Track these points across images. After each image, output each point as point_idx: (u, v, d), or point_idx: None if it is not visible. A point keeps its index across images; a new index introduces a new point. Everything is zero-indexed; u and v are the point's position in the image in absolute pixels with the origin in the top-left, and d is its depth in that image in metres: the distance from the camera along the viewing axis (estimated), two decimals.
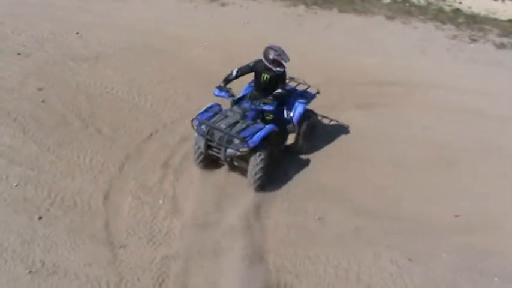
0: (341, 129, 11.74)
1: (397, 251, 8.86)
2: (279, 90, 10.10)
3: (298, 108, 10.62)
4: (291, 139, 10.58)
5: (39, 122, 10.96)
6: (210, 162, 10.11)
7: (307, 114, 10.87)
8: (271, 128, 9.84)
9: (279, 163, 10.36)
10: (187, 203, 9.36)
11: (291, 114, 10.60)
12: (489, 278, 8.61)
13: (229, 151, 9.64)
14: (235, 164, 10.02)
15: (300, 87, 11.24)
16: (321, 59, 13.96)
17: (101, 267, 8.09)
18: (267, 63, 10.16)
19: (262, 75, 10.31)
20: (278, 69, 10.12)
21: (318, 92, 11.06)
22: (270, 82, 10.27)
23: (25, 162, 9.91)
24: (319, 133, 11.31)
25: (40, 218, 8.79)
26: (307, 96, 10.96)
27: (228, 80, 10.25)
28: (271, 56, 10.10)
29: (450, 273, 8.61)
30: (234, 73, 10.27)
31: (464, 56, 15.09)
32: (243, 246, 8.58)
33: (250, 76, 10.61)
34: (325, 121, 11.86)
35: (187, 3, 16.65)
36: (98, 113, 11.40)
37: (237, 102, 10.34)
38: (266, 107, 10.01)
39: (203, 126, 9.86)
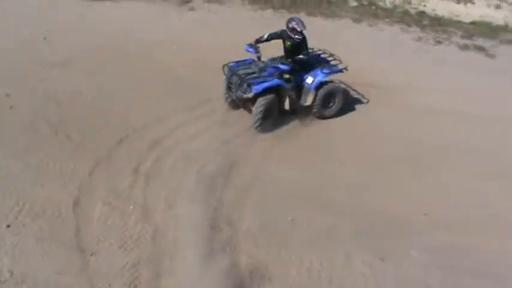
0: (312, 129, 11.82)
1: (368, 251, 8.92)
2: (300, 56, 11.68)
3: (318, 77, 11.97)
4: (308, 101, 11.96)
5: (6, 128, 10.81)
6: (234, 106, 12.07)
7: (328, 84, 12.14)
8: (277, 82, 11.50)
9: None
10: (158, 207, 9.31)
11: (311, 80, 11.90)
12: (460, 274, 8.71)
13: (239, 93, 11.56)
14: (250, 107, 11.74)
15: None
16: None
17: (71, 275, 7.99)
18: (288, 32, 11.59)
19: (286, 42, 11.81)
20: (297, 36, 11.57)
21: (345, 68, 12.28)
22: (292, 48, 11.76)
23: None
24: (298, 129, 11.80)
25: (8, 226, 8.65)
26: (332, 69, 12.23)
27: (259, 40, 11.70)
28: (291, 25, 11.59)
29: (422, 272, 8.68)
30: (265, 36, 11.70)
31: (430, 58, 15.32)
32: (214, 249, 8.56)
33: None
34: (295, 122, 11.93)
35: (156, 7, 16.62)
36: (66, 119, 11.28)
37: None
38: (282, 66, 11.62)
39: (227, 71, 11.79)
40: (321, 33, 15.70)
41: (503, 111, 12.92)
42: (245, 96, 11.49)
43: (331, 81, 12.38)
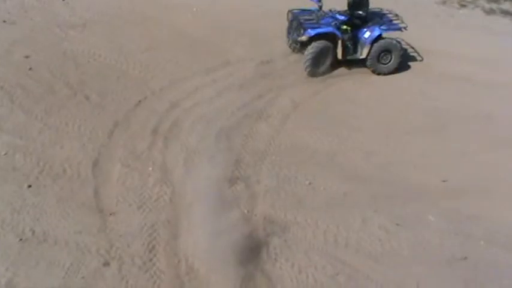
0: (330, 94, 11.76)
1: (385, 215, 8.94)
2: (359, 12, 12.50)
3: (374, 32, 12.56)
4: (364, 54, 12.63)
5: (26, 90, 10.84)
6: (295, 49, 12.87)
7: (384, 40, 12.65)
8: (329, 30, 12.29)
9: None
10: (177, 168, 9.35)
11: (367, 35, 12.54)
12: (475, 241, 8.70)
13: (295, 36, 12.58)
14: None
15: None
16: None
17: (91, 234, 8.09)
18: None
19: None
20: None
21: (405, 28, 12.69)
22: (353, 4, 12.63)
23: (13, 131, 9.82)
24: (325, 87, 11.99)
25: (29, 186, 8.76)
26: (390, 27, 12.77)
27: None
28: None
29: (437, 237, 8.69)
30: None
31: (454, 22, 15.06)
32: (233, 213, 8.62)
33: None
34: (313, 85, 11.83)
35: None
36: (86, 81, 11.31)
37: None
38: (338, 16, 12.49)
39: (290, 16, 12.86)
40: None
41: None
42: (299, 39, 12.41)
43: (390, 39, 12.77)
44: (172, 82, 11.44)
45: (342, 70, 12.68)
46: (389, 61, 12.72)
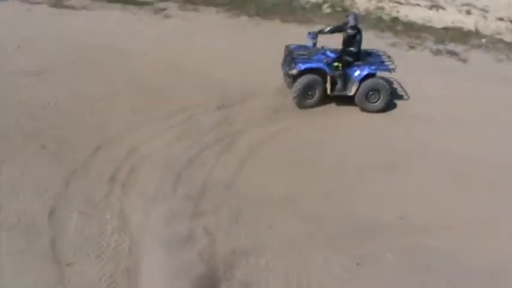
0: (286, 137, 11.89)
1: (345, 255, 8.98)
2: (351, 48, 12.88)
3: (363, 71, 12.95)
4: (352, 92, 13.00)
5: None
6: (288, 83, 13.31)
7: (372, 79, 13.00)
8: (318, 66, 12.80)
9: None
10: (135, 216, 9.28)
11: (357, 73, 12.94)
12: (436, 277, 8.81)
13: (286, 69, 13.16)
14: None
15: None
16: (265, 68, 14.05)
17: (47, 287, 7.91)
18: (344, 25, 12.99)
19: (343, 33, 13.04)
20: (349, 30, 12.82)
21: (394, 69, 13.14)
22: (346, 40, 13.03)
23: None
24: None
25: None
26: (380, 67, 13.17)
27: (321, 31, 13.20)
28: (346, 19, 13.05)
29: (398, 275, 8.77)
30: (327, 29, 13.23)
31: (404, 63, 15.46)
32: (192, 258, 8.55)
33: None
34: (269, 129, 12.01)
35: (131, 16, 16.57)
36: (42, 129, 11.20)
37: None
38: (328, 53, 13.00)
39: (286, 51, 13.40)
40: (296, 40, 15.84)
41: (473, 114, 13.14)
42: (290, 72, 13.00)
43: (380, 78, 13.19)
44: (129, 128, 11.41)
45: (296, 114, 12.84)
46: (378, 100, 13.09)
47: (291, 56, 13.19)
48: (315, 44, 13.17)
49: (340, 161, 11.33)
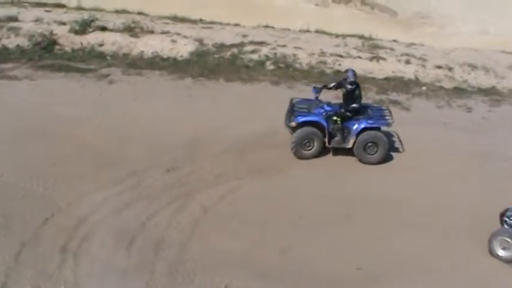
0: (239, 195, 12.03)
1: None
2: (353, 105, 13.50)
3: (362, 124, 13.46)
4: (350, 144, 13.49)
5: None
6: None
7: (369, 132, 13.44)
8: (315, 119, 13.44)
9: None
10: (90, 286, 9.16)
11: (355, 126, 13.45)
12: None
13: (287, 121, 13.77)
14: None
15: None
16: (211, 128, 14.28)
17: None
18: (343, 81, 13.71)
19: (342, 89, 13.73)
20: (348, 86, 13.50)
21: (390, 124, 13.71)
22: (346, 95, 13.65)
23: None
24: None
25: None
26: (378, 122, 13.68)
27: (325, 86, 14.05)
28: (345, 75, 13.72)
29: None
30: (331, 85, 14.05)
31: None
32: None
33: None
34: (221, 188, 12.14)
35: (74, 83, 16.53)
36: None
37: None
38: (326, 107, 13.63)
39: (290, 103, 14.06)
40: (239, 98, 16.19)
41: (421, 163, 13.60)
42: (289, 124, 13.67)
43: (378, 131, 13.64)
44: (79, 196, 11.37)
45: (249, 171, 12.98)
46: (376, 152, 13.53)
47: (292, 109, 13.85)
48: (317, 98, 13.85)
49: (295, 214, 11.52)
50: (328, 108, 13.64)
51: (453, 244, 10.98)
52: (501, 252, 10.61)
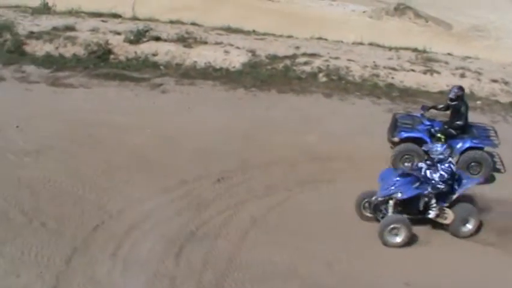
0: (287, 207, 11.91)
1: None
2: (458, 122, 13.10)
3: (466, 143, 13.20)
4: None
5: None
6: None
7: (473, 151, 13.11)
8: (418, 135, 13.14)
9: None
10: None
11: (459, 145, 13.13)
12: None
13: (389, 135, 13.60)
14: None
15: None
16: (263, 140, 14.23)
17: None
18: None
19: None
20: (450, 102, 13.20)
21: (496, 144, 13.41)
22: (452, 112, 13.30)
23: None
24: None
25: None
26: (483, 142, 13.29)
27: (434, 107, 13.92)
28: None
29: None
30: (440, 106, 13.77)
31: None
32: None
33: None
34: (271, 199, 12.03)
35: (128, 92, 16.72)
36: (41, 207, 11.19)
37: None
38: (429, 122, 13.36)
39: (392, 118, 13.93)
40: (291, 109, 16.10)
41: None
42: (392, 139, 13.45)
43: (482, 151, 13.29)
44: (129, 204, 11.44)
45: (297, 184, 12.83)
46: (479, 172, 13.14)
47: (395, 124, 13.61)
48: (422, 115, 13.61)
49: (343, 229, 11.32)
50: (430, 123, 13.38)
51: None
52: None
